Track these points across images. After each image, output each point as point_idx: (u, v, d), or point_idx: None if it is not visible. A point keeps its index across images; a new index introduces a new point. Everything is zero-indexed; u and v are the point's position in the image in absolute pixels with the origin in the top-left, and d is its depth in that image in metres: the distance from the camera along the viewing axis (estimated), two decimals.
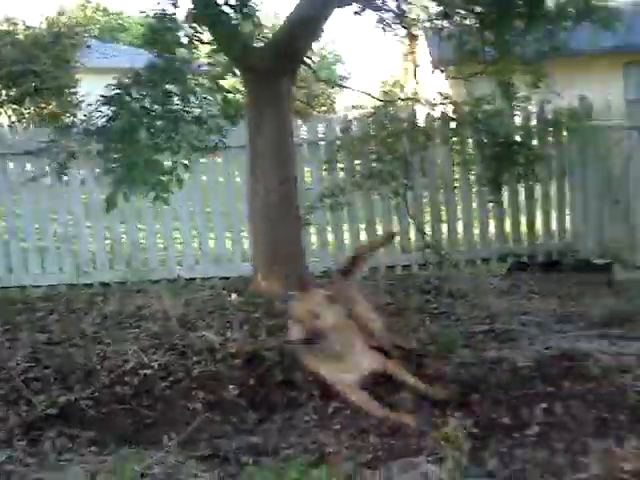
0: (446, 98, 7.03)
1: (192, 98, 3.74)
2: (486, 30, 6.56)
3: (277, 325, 5.48)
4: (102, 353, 4.96)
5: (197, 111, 3.72)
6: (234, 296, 6.08)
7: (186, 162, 3.77)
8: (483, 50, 6.82)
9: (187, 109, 3.70)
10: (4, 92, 23.47)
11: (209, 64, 5.35)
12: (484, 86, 7.16)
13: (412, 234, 7.78)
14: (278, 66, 5.95)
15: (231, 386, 4.43)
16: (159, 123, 3.59)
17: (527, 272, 7.43)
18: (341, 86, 41.89)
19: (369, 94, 7.58)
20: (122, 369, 4.68)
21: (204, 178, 7.89)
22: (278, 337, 5.15)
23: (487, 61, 6.94)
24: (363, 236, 7.89)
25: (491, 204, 7.72)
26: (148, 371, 4.62)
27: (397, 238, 7.81)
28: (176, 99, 3.64)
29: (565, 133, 7.74)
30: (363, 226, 7.89)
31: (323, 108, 29.02)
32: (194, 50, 4.21)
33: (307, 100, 27.23)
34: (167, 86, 3.63)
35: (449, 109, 7.11)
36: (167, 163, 3.72)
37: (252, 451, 3.70)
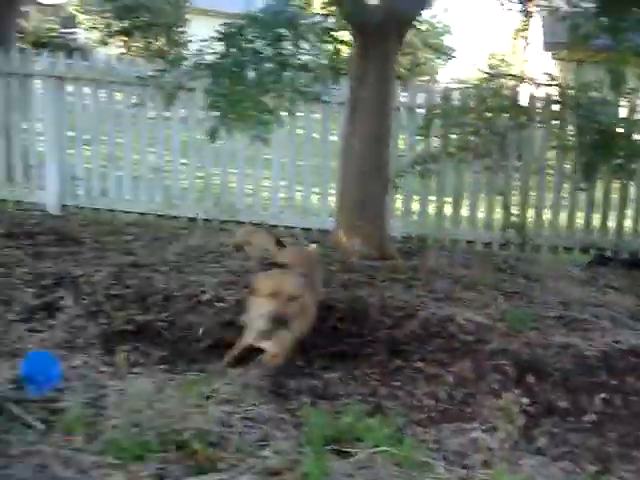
0: (553, 79, 6.92)
1: (303, 45, 3.83)
2: (602, 15, 6.39)
3: (351, 280, 5.62)
4: (181, 281, 5.17)
5: (305, 58, 3.81)
6: (313, 246, 6.21)
7: (288, 105, 3.88)
8: (596, 36, 6.66)
9: (296, 54, 3.80)
10: (115, 23, 24.02)
11: (322, 15, 5.42)
12: (594, 73, 7.00)
13: (497, 212, 7.73)
14: (386, 25, 5.98)
15: None
16: (267, 65, 3.71)
17: (608, 266, 7.31)
18: (447, 55, 41.42)
19: (476, 66, 7.49)
20: (198, 299, 4.88)
21: (300, 132, 7.98)
22: (350, 291, 5.29)
23: (599, 48, 6.79)
24: (448, 208, 7.88)
25: (583, 194, 7.62)
26: (223, 305, 4.80)
27: (480, 215, 7.80)
28: (286, 45, 3.74)
29: None
30: (449, 199, 7.87)
31: (425, 77, 28.62)
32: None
33: (410, 67, 27.17)
34: (280, 30, 3.74)
35: (553, 91, 6.99)
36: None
37: (312, 393, 3.85)
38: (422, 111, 7.53)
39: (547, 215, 7.86)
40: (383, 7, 6.11)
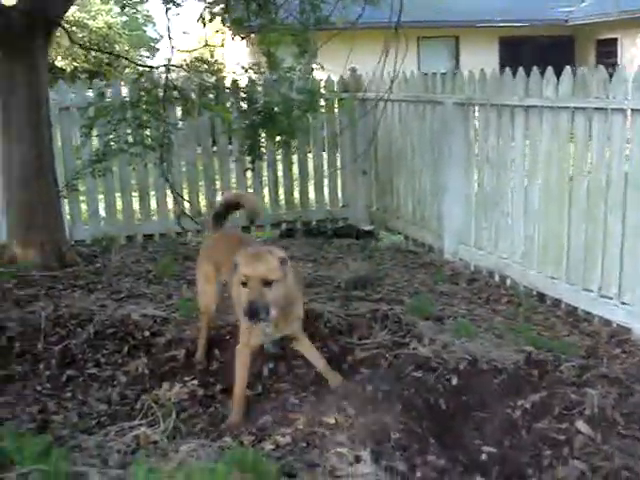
0: (211, 65, 7.04)
1: None
2: None
3: (28, 294, 5.38)
4: None
5: None
6: None
7: None
8: (249, 19, 6.89)
9: None
10: None
11: None
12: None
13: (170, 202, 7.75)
14: (30, 29, 5.79)
15: None
16: None
17: (295, 237, 7.69)
18: (151, 46, 40.91)
19: (128, 59, 7.37)
20: None
21: None
22: (24, 307, 5.06)
23: (254, 30, 7.06)
24: (136, 204, 7.78)
25: (269, 174, 7.92)
26: None
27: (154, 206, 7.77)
28: None
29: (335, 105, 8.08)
30: (135, 194, 7.77)
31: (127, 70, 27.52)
32: None
33: (109, 62, 26.41)
34: None
35: (212, 77, 7.11)
36: None
37: None
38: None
39: None
40: (21, 8, 5.88)
